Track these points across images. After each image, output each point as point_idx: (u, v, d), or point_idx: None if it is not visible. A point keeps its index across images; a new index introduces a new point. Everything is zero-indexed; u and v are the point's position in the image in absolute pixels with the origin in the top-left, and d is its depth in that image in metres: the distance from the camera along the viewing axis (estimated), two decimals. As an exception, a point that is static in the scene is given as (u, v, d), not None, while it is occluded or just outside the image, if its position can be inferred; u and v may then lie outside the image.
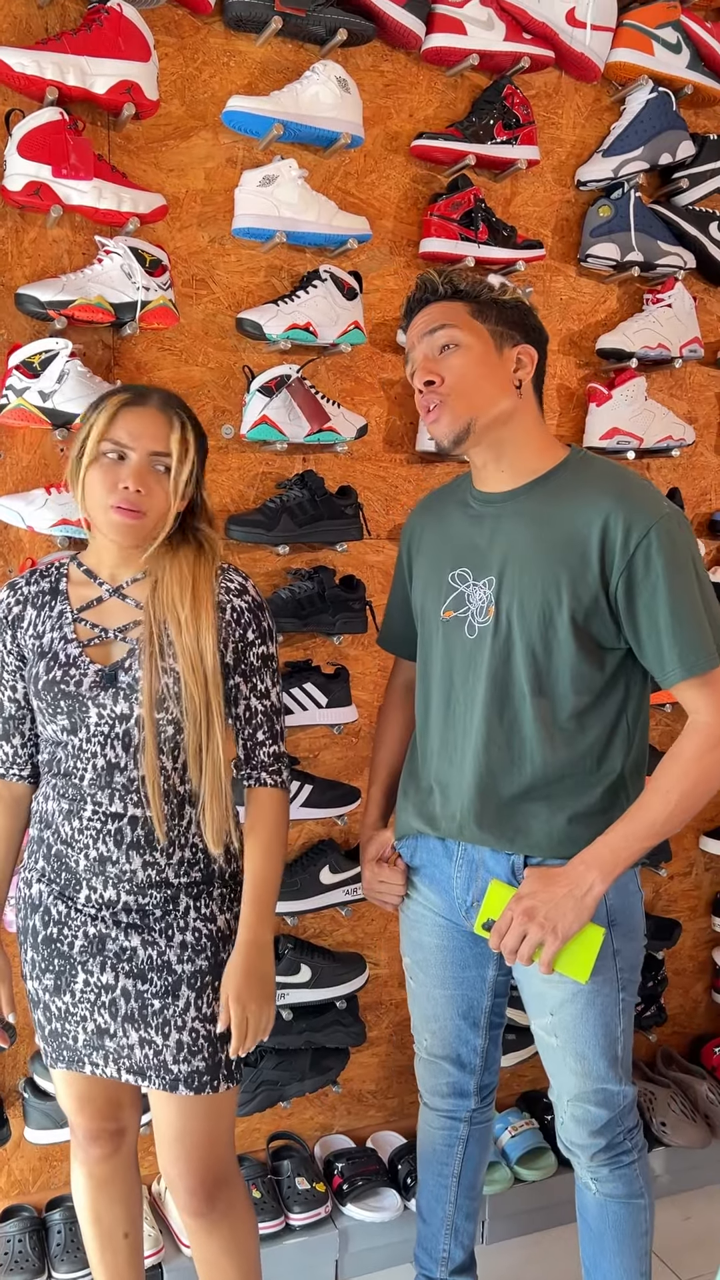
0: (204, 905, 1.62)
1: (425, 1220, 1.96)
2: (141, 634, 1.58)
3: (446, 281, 1.62)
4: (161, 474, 1.56)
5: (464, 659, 1.67)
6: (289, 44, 2.09)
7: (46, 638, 1.62)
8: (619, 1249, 1.75)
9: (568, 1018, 1.66)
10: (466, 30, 2.13)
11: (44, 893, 1.63)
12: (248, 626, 1.62)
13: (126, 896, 1.59)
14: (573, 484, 1.62)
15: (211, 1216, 1.65)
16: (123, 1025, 1.60)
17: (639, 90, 2.30)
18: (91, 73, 1.86)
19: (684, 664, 1.54)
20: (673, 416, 2.43)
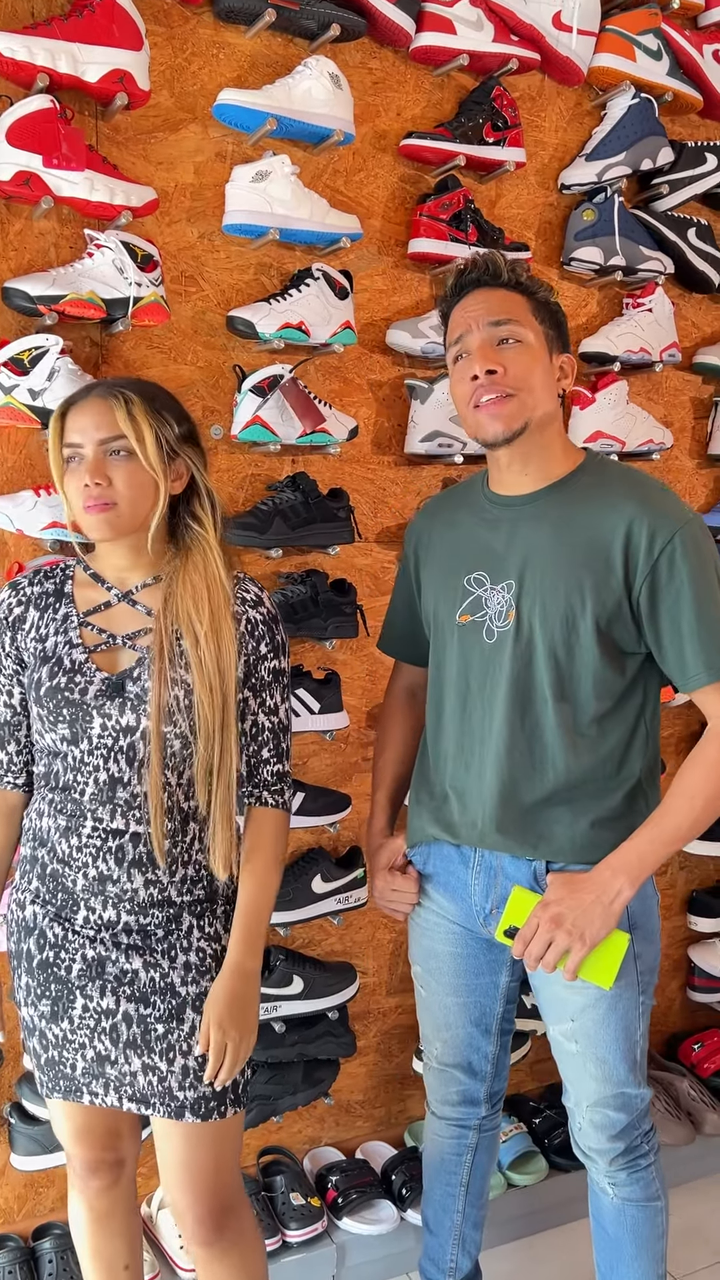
0: (208, 924, 1.57)
1: (432, 1231, 1.94)
2: (152, 643, 1.52)
3: (511, 269, 1.59)
4: (122, 460, 1.49)
5: (481, 663, 1.65)
6: (278, 37, 2.05)
7: (50, 641, 1.55)
8: (637, 1253, 1.75)
9: (589, 1023, 1.65)
10: (456, 30, 2.12)
11: (39, 914, 1.56)
12: (261, 640, 1.57)
13: (127, 917, 1.52)
14: (593, 488, 1.61)
15: (221, 1245, 1.60)
16: (124, 1051, 1.53)
17: (621, 95, 2.32)
18: (83, 60, 1.80)
19: (709, 669, 1.54)
20: (652, 420, 2.45)
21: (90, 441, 1.48)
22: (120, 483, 1.48)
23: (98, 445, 1.48)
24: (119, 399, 1.48)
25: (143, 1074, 1.53)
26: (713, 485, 2.67)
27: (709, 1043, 2.68)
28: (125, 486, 1.49)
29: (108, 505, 1.48)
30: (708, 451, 2.62)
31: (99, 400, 1.49)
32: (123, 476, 1.49)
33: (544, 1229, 2.35)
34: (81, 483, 1.48)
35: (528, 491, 1.64)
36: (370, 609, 2.21)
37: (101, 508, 1.48)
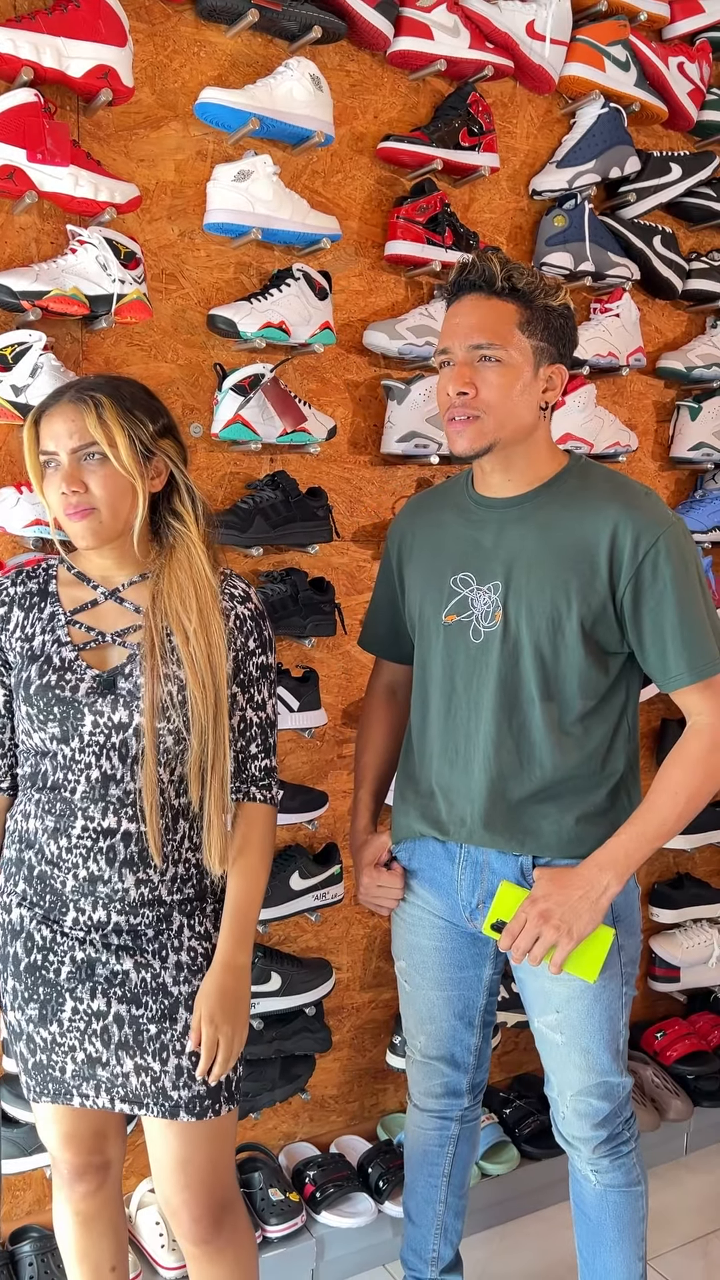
0: (198, 922, 1.57)
1: (415, 1222, 1.96)
2: (142, 639, 1.52)
3: (506, 277, 1.57)
4: (97, 465, 1.48)
5: (467, 663, 1.68)
6: (259, 37, 2.05)
7: (37, 640, 1.54)
8: (619, 1237, 1.79)
9: (574, 1015, 1.69)
10: (433, 35, 2.15)
11: (25, 917, 1.55)
12: (249, 635, 1.58)
13: (117, 917, 1.52)
14: (577, 491, 1.65)
15: (217, 1243, 1.60)
16: (116, 1053, 1.53)
17: (591, 105, 2.36)
18: (68, 55, 1.79)
19: (691, 669, 1.59)
20: (619, 423, 2.50)
21: (64, 449, 1.49)
22: (97, 488, 1.49)
23: (71, 453, 1.48)
24: (89, 404, 1.48)
25: (135, 1075, 1.53)
26: (675, 487, 2.74)
27: (670, 1031, 2.75)
28: (102, 491, 1.49)
29: (88, 511, 1.49)
30: (670, 454, 2.68)
31: (69, 406, 1.49)
32: (98, 481, 1.49)
33: (517, 1216, 2.40)
34: (59, 490, 1.49)
35: (513, 494, 1.67)
36: (347, 607, 2.23)
37: (82, 514, 1.49)
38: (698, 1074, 2.67)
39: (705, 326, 2.72)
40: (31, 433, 1.52)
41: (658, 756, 2.72)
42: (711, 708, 1.60)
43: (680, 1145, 2.66)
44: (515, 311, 1.58)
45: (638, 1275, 1.83)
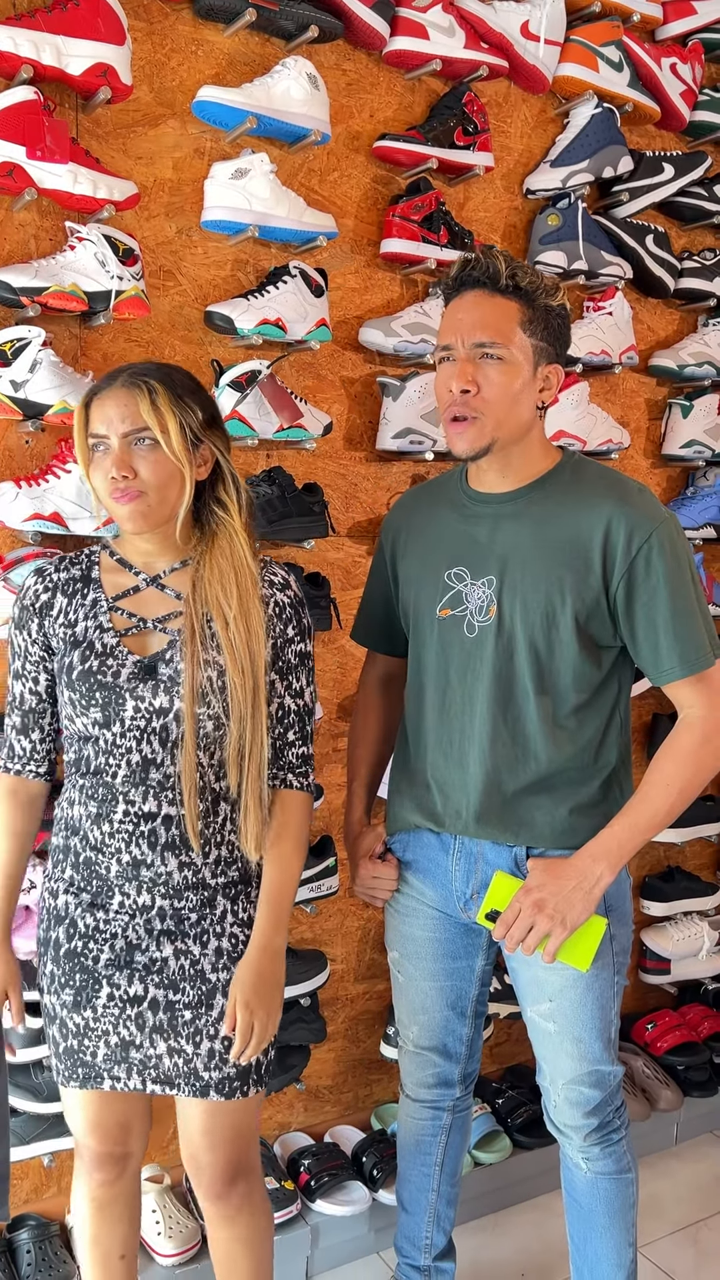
0: (241, 909, 1.60)
1: (408, 1211, 1.98)
2: (183, 625, 1.54)
3: (510, 275, 1.58)
4: (147, 450, 1.50)
5: (462, 657, 1.70)
6: (255, 36, 2.07)
7: (80, 626, 1.57)
8: (609, 1224, 1.82)
9: (567, 1004, 1.71)
10: (429, 35, 2.16)
11: (71, 904, 1.58)
12: (289, 622, 1.59)
13: (162, 901, 1.55)
14: (571, 486, 1.66)
15: (232, 1201, 1.64)
16: (150, 1036, 1.56)
17: (584, 104, 2.38)
18: (67, 53, 1.80)
19: (684, 663, 1.61)
20: (611, 420, 2.53)
21: (115, 433, 1.50)
22: (146, 473, 1.50)
23: (122, 437, 1.50)
24: (142, 389, 1.49)
25: (168, 1056, 1.56)
26: (666, 484, 2.76)
27: (661, 1022, 2.78)
28: (151, 476, 1.50)
29: (136, 495, 1.50)
30: (661, 451, 2.71)
31: (123, 391, 1.50)
32: (148, 466, 1.50)
33: (509, 1204, 2.42)
34: (108, 474, 1.50)
35: (507, 490, 1.69)
36: (343, 602, 2.25)
37: (130, 497, 1.50)
38: (688, 1065, 2.70)
39: (697, 325, 2.75)
40: (82, 415, 1.53)
41: (648, 750, 2.74)
42: (703, 701, 1.63)
43: (670, 1135, 2.69)
44: (518, 310, 1.59)
45: (628, 1261, 1.86)
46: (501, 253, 1.62)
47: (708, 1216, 2.46)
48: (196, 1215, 2.14)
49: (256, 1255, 1.68)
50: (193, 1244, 2.07)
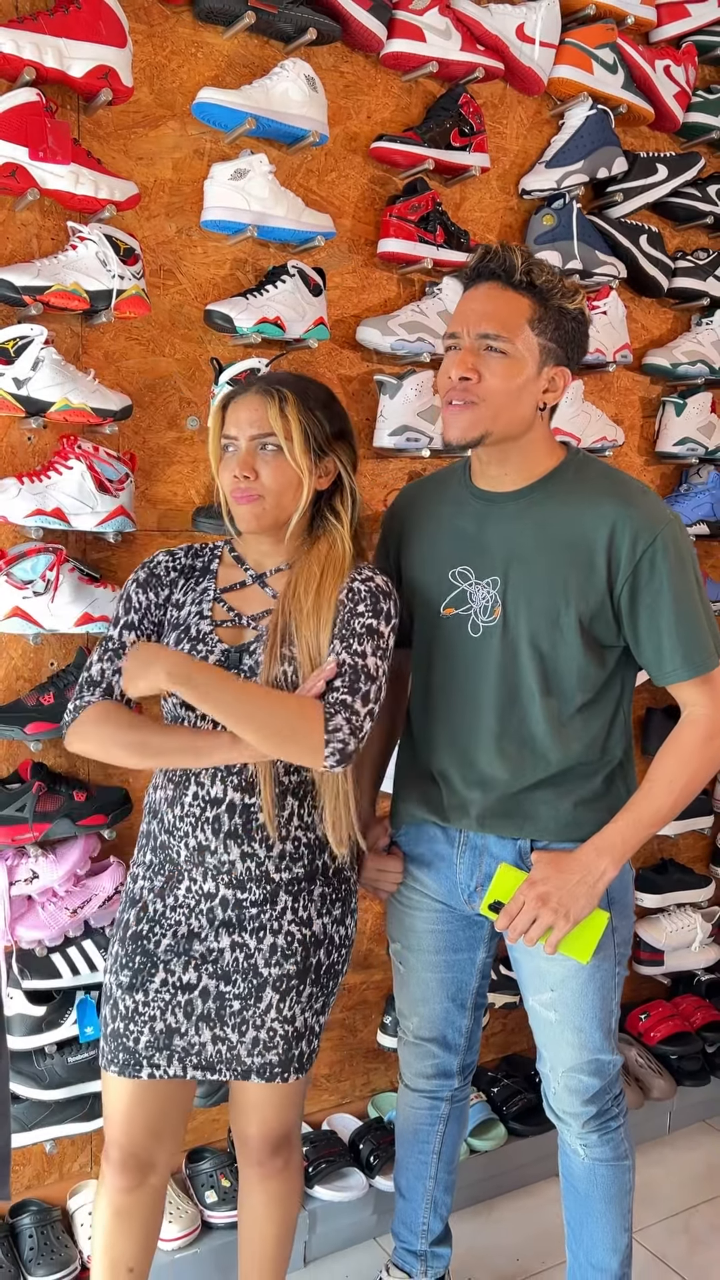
0: (302, 907, 1.63)
1: (405, 1197, 2.02)
2: (269, 622, 1.59)
3: (525, 271, 1.57)
4: (271, 455, 1.57)
5: (466, 657, 1.71)
6: (254, 39, 2.10)
7: (185, 610, 1.64)
8: (605, 1209, 1.85)
9: (569, 994, 1.74)
10: (426, 38, 2.19)
11: (145, 889, 1.64)
12: (360, 601, 1.58)
13: (225, 890, 1.59)
14: (575, 486, 1.66)
15: (272, 1165, 1.74)
16: (196, 1024, 1.60)
17: (579, 106, 2.41)
18: (69, 55, 1.83)
19: (688, 665, 1.62)
20: (605, 418, 2.56)
21: (244, 435, 1.57)
22: (267, 477, 1.56)
23: (250, 440, 1.57)
24: (273, 396, 1.56)
25: (212, 1044, 1.61)
26: (660, 481, 2.79)
27: (654, 1013, 2.81)
28: (272, 480, 1.56)
29: (255, 497, 1.57)
30: (655, 449, 2.74)
31: (256, 397, 1.57)
32: (270, 471, 1.56)
33: (504, 1191, 2.46)
34: (232, 474, 1.57)
35: (510, 489, 1.69)
36: (340, 597, 2.28)
37: (250, 498, 1.57)
38: (680, 1054, 2.73)
39: (690, 324, 2.78)
40: (218, 417, 1.61)
41: (643, 744, 2.78)
42: (707, 700, 1.64)
43: (664, 1123, 2.72)
44: (529, 307, 1.59)
45: (623, 1245, 1.89)
46: (521, 249, 1.61)
47: (700, 1203, 2.49)
48: (196, 1201, 2.17)
49: (283, 1213, 1.77)
50: (193, 1228, 2.10)
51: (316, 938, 1.64)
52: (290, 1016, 1.62)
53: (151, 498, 2.09)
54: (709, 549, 2.89)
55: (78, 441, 1.92)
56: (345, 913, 1.69)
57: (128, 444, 2.04)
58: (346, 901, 1.70)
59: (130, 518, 1.95)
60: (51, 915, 1.97)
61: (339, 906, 1.68)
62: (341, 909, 1.68)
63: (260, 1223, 1.77)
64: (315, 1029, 1.67)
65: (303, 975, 1.62)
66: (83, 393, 1.87)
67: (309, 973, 1.63)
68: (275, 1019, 1.61)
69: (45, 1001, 1.99)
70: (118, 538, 1.96)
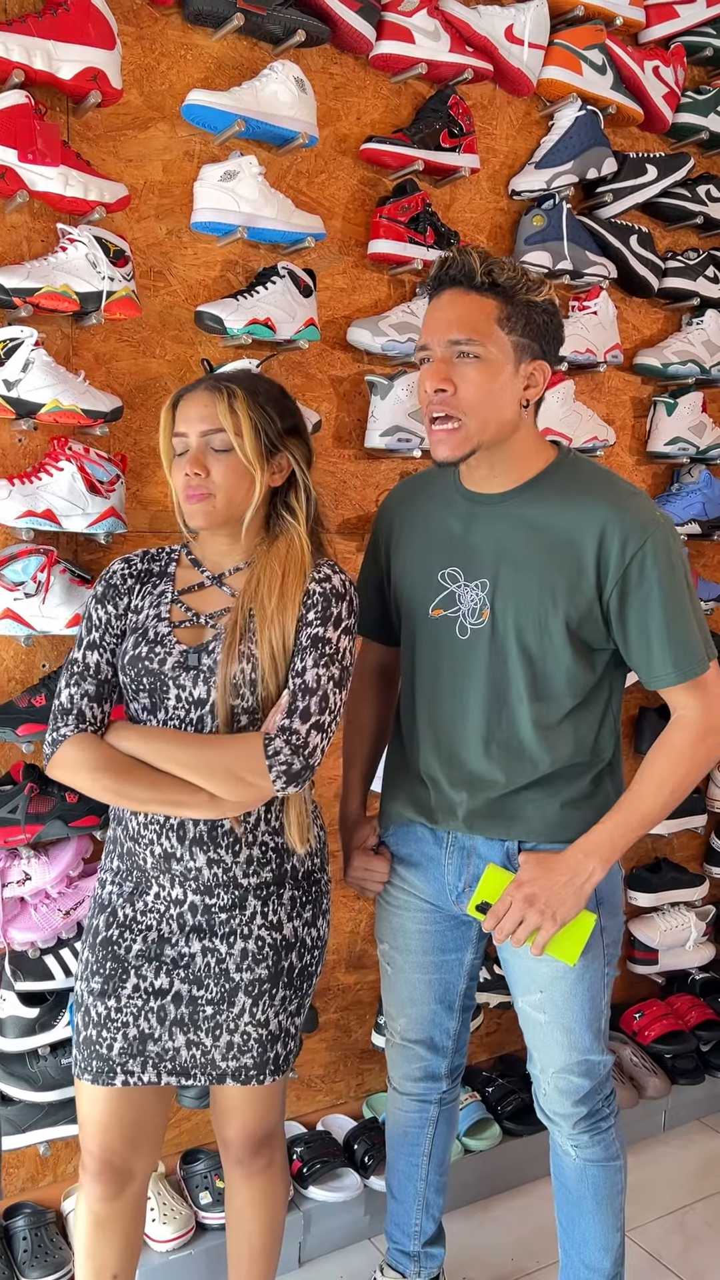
0: (271, 911, 1.62)
1: (397, 1199, 2.02)
2: (227, 620, 1.59)
3: (486, 272, 1.55)
4: (221, 452, 1.56)
5: (454, 659, 1.70)
6: (244, 41, 2.10)
7: (143, 614, 1.63)
8: (597, 1209, 1.85)
9: (558, 995, 1.74)
10: (415, 39, 2.20)
11: (114, 894, 1.63)
12: (312, 608, 1.58)
13: (194, 896, 1.58)
14: (565, 488, 1.65)
15: (254, 1165, 1.73)
16: (169, 1029, 1.59)
17: (568, 107, 2.42)
18: (58, 58, 1.83)
19: (678, 670, 1.61)
20: (597, 418, 2.56)
21: (193, 432, 1.56)
22: (218, 474, 1.55)
23: (200, 436, 1.55)
24: (222, 393, 1.55)
25: (186, 1049, 1.60)
26: (651, 481, 2.80)
27: (649, 1011, 2.82)
28: (222, 478, 1.55)
29: (205, 495, 1.55)
30: (646, 449, 2.75)
31: (205, 393, 1.56)
32: (221, 468, 1.55)
33: (500, 1191, 2.46)
34: (183, 472, 1.56)
35: (499, 490, 1.67)
36: (332, 598, 2.28)
37: (199, 497, 1.56)
38: (675, 1053, 2.74)
39: (681, 324, 2.78)
40: (168, 415, 1.60)
41: (635, 744, 2.78)
42: (696, 703, 1.64)
43: (658, 1122, 2.73)
44: (495, 307, 1.57)
45: (615, 1245, 1.89)
46: (477, 250, 1.58)
47: (694, 1202, 2.50)
48: (191, 1202, 2.17)
49: (268, 1212, 1.76)
50: (187, 1229, 2.10)
51: (288, 941, 1.63)
52: (264, 1020, 1.61)
53: (143, 499, 2.09)
54: (701, 548, 2.90)
55: (69, 443, 1.92)
56: (317, 914, 1.68)
57: (119, 445, 2.04)
58: (318, 903, 1.69)
59: (121, 519, 1.95)
60: (44, 917, 1.97)
61: (310, 909, 1.67)
62: (313, 911, 1.67)
63: (247, 1223, 1.77)
64: (290, 1030, 1.66)
65: (275, 979, 1.62)
66: (73, 394, 1.88)
67: (281, 976, 1.62)
68: (249, 1023, 1.60)
69: (38, 1003, 1.99)
70: (109, 539, 1.97)
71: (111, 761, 1.55)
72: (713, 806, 2.94)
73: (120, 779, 1.53)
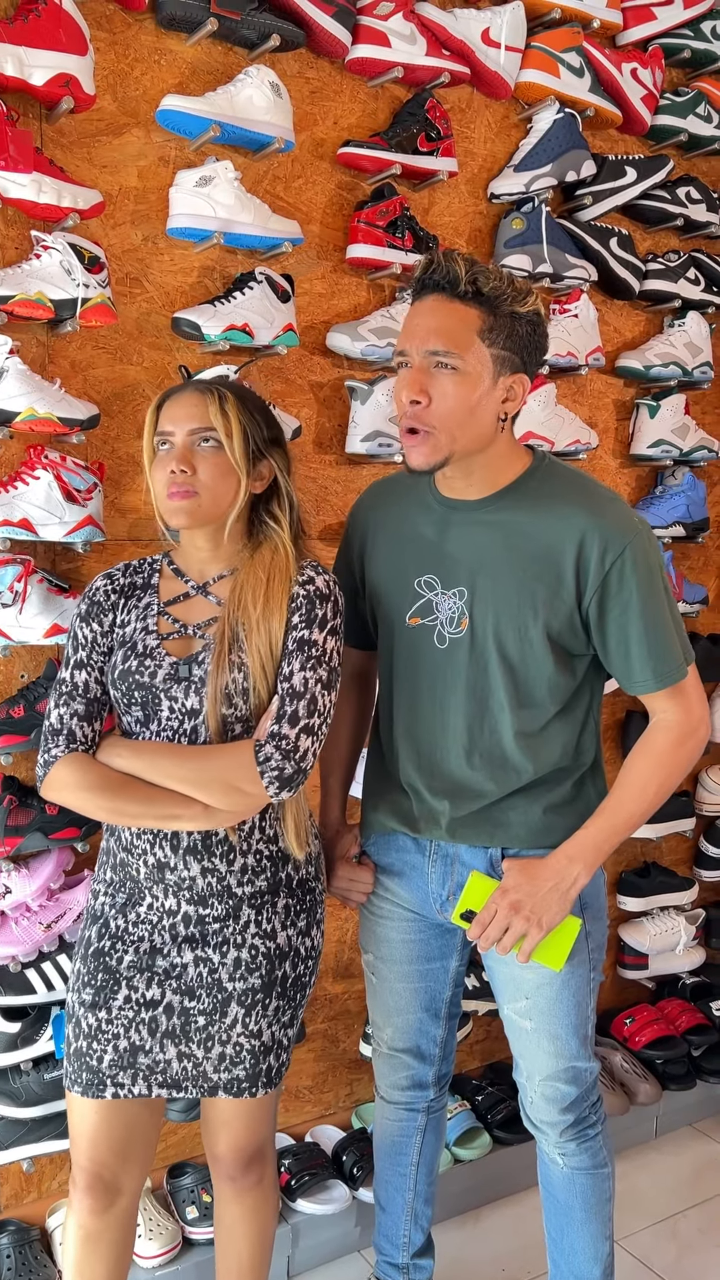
0: (265, 920, 1.61)
1: (385, 1210, 2.00)
2: (215, 630, 1.58)
3: (470, 281, 1.50)
4: (210, 451, 1.55)
5: (433, 668, 1.68)
6: (219, 46, 2.09)
7: (130, 628, 1.62)
8: (586, 1218, 1.83)
9: (544, 1001, 1.72)
10: (391, 43, 2.19)
11: (107, 905, 1.62)
12: (296, 611, 1.57)
13: (187, 906, 1.58)
14: (543, 494, 1.63)
15: (245, 1181, 1.71)
16: (160, 1041, 1.58)
17: (546, 110, 2.41)
18: (30, 63, 1.81)
19: (658, 676, 1.61)
20: (579, 421, 2.55)
21: (181, 430, 1.55)
22: (205, 473, 1.55)
23: (188, 434, 1.55)
24: (214, 394, 1.55)
25: (177, 1061, 1.59)
26: (635, 484, 2.79)
27: (639, 1017, 2.80)
28: (209, 477, 1.55)
29: (190, 493, 1.54)
30: (629, 451, 2.74)
31: (195, 393, 1.56)
32: (208, 467, 1.55)
33: (490, 1201, 2.44)
34: (168, 469, 1.54)
35: (475, 497, 1.65)
36: (314, 604, 2.27)
37: (183, 495, 1.54)
38: (666, 1058, 2.72)
39: (662, 326, 2.78)
40: (153, 417, 1.59)
41: (623, 748, 2.77)
42: (676, 707, 1.64)
43: (650, 1128, 2.71)
44: (478, 318, 1.52)
45: (604, 1253, 1.87)
46: (464, 257, 1.53)
47: (686, 1209, 2.48)
48: (177, 1217, 2.15)
49: (258, 1228, 1.74)
50: (174, 1245, 2.08)
51: (281, 950, 1.62)
52: (256, 1031, 1.60)
53: (121, 507, 2.07)
54: (685, 551, 2.89)
55: (44, 451, 1.90)
56: (311, 924, 1.67)
57: (96, 453, 2.03)
58: (312, 913, 1.68)
59: (99, 527, 1.93)
60: (25, 930, 1.95)
61: (304, 918, 1.66)
62: (307, 920, 1.66)
63: (237, 1239, 1.75)
64: (284, 1042, 1.64)
65: (268, 989, 1.60)
66: (49, 402, 1.86)
67: (274, 986, 1.61)
68: (241, 1034, 1.59)
69: (20, 1018, 1.97)
70: (87, 548, 1.95)
71: (104, 780, 1.54)
72: (701, 809, 2.93)
73: (114, 797, 1.53)
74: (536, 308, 1.56)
